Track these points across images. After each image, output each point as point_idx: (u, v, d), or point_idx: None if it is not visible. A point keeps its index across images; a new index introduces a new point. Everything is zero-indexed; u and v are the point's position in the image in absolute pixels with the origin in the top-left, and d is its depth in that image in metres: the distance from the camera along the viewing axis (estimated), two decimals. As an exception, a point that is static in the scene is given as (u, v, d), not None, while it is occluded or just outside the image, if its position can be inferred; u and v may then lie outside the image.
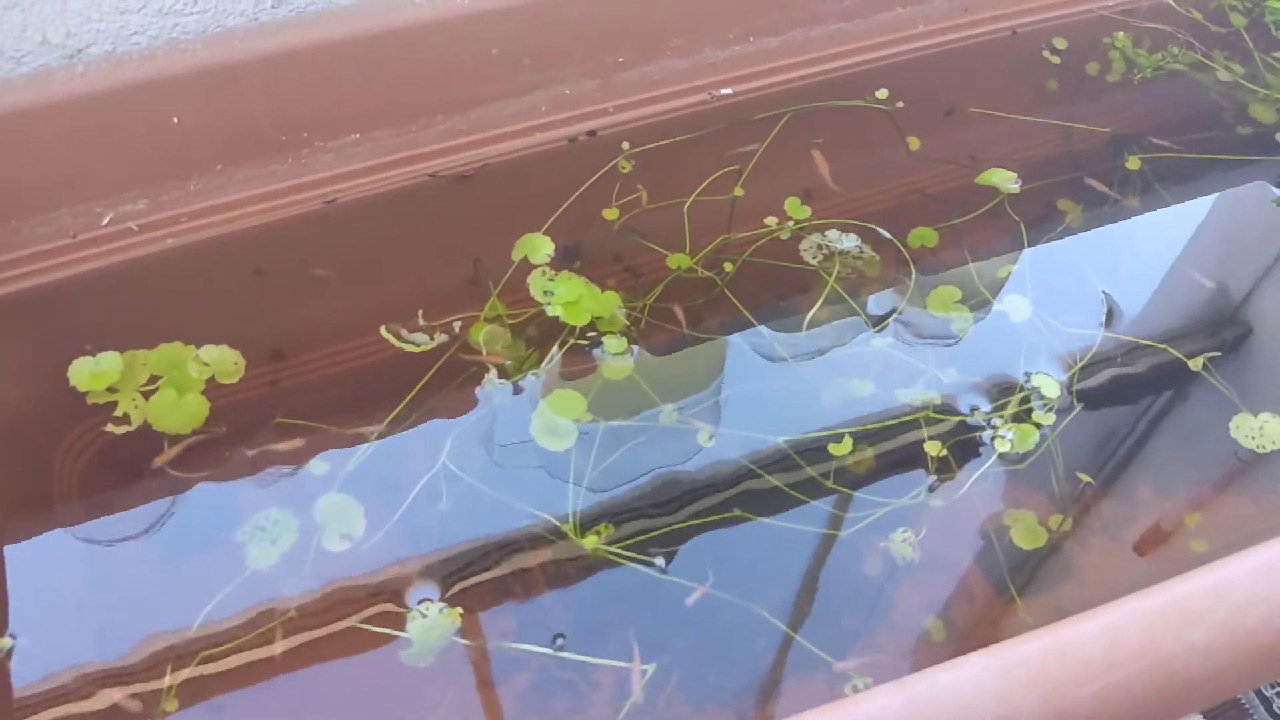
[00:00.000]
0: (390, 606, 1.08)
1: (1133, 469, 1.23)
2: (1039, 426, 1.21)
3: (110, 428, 1.18)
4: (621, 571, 1.12)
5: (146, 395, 1.19)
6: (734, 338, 1.30)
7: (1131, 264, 1.42)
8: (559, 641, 1.06)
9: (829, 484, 1.18)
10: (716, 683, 1.06)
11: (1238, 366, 1.30)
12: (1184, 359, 1.30)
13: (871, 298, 1.34)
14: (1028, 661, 0.78)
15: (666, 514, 1.16)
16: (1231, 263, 1.44)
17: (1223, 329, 1.35)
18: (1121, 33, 1.69)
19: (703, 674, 1.06)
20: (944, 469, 1.20)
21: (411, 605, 1.08)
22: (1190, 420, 1.27)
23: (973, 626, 1.12)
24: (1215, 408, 1.26)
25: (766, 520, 1.16)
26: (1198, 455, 1.24)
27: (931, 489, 1.18)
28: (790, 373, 1.28)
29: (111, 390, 1.19)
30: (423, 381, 1.23)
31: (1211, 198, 1.51)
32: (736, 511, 1.16)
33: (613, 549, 1.12)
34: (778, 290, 1.35)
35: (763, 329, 1.31)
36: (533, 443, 1.19)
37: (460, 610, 1.08)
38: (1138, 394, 1.29)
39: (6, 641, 1.05)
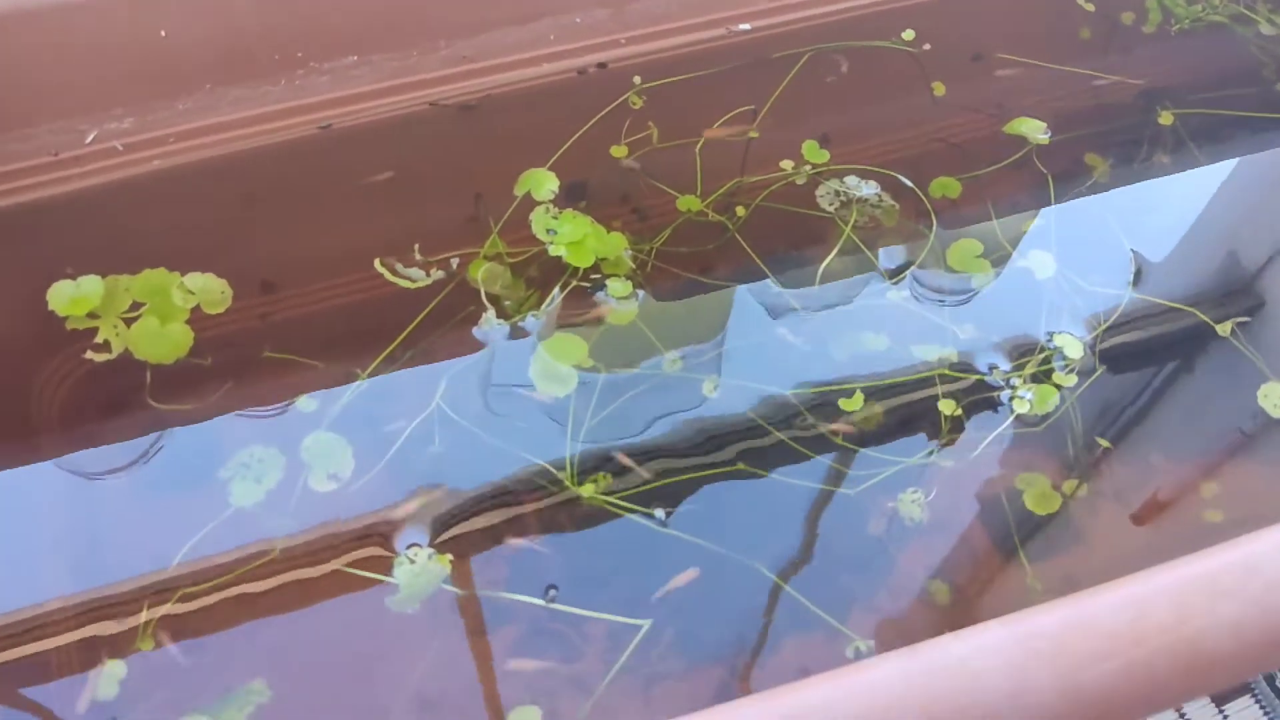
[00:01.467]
0: (378, 550, 1.05)
1: (1153, 435, 1.18)
2: (1059, 388, 1.16)
3: (90, 355, 1.13)
4: (618, 522, 1.08)
5: (129, 322, 1.14)
6: (743, 286, 1.25)
7: (1160, 223, 1.36)
8: (551, 593, 1.03)
9: (838, 440, 1.13)
10: (713, 640, 1.02)
11: (1268, 333, 1.25)
12: (1212, 323, 1.25)
13: (888, 249, 1.29)
14: (1046, 633, 0.73)
15: (667, 465, 1.12)
16: (1265, 225, 1.38)
17: (1252, 293, 1.30)
18: (1160, -19, 1.61)
19: (699, 631, 1.02)
20: (957, 428, 1.15)
21: (400, 550, 1.04)
22: (1216, 387, 1.22)
23: (978, 591, 1.09)
24: (1243, 375, 1.21)
25: (770, 475, 1.12)
26: (1221, 424, 1.20)
27: (943, 448, 1.14)
28: (801, 324, 1.23)
29: (92, 316, 1.14)
30: (417, 319, 1.18)
31: (1246, 157, 1.44)
32: (740, 465, 1.12)
33: (610, 499, 1.08)
34: (791, 238, 1.29)
35: (773, 278, 1.25)
36: (531, 387, 1.15)
37: (450, 557, 1.04)
38: (1162, 358, 1.24)
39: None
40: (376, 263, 1.21)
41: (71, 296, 1.14)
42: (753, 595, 1.05)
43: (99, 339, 1.14)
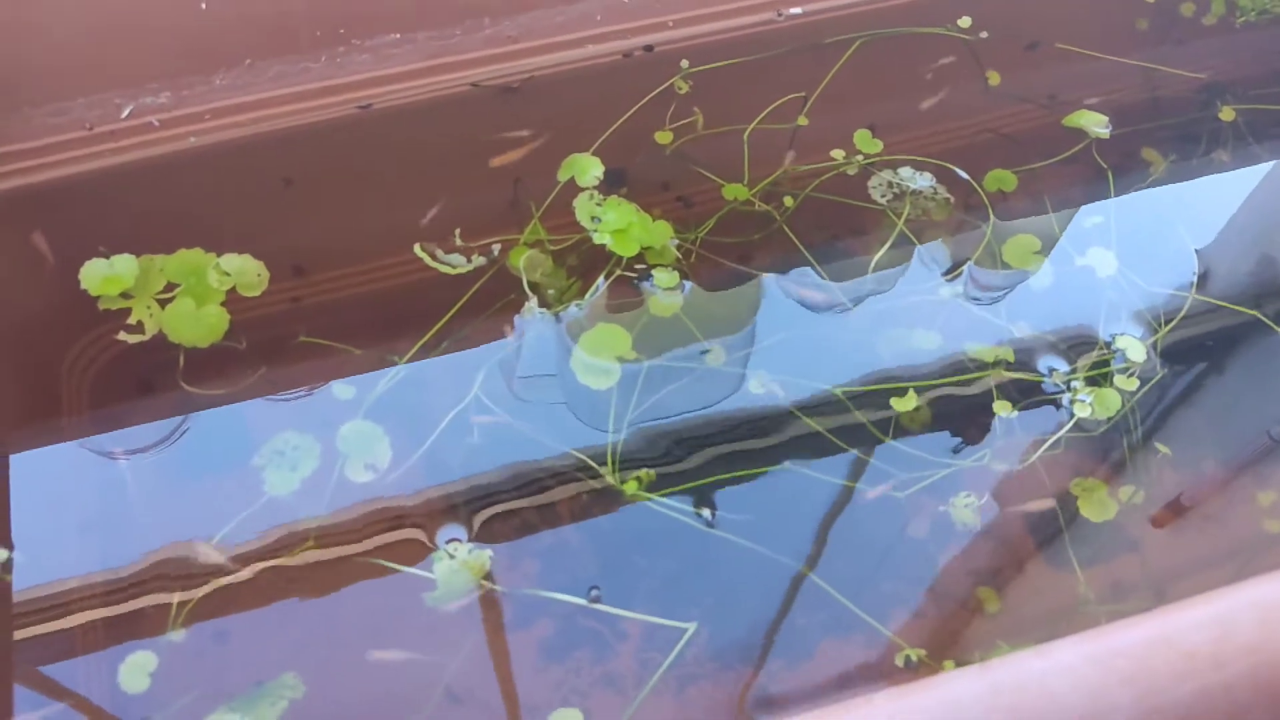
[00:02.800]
0: (416, 543, 1.02)
1: (1211, 442, 1.15)
2: (1121, 391, 1.12)
3: (123, 336, 1.11)
4: (662, 521, 1.05)
5: (163, 304, 1.12)
6: (790, 278, 1.21)
7: (1222, 221, 1.32)
8: (594, 593, 1.00)
9: (887, 439, 1.10)
10: (755, 643, 1.00)
11: (1336, 339, 1.21)
12: (1274, 326, 1.20)
13: (942, 243, 1.25)
14: (1125, 652, 0.70)
15: (710, 461, 1.08)
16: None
17: (1319, 297, 1.26)
18: (1224, -28, 1.56)
19: (743, 635, 0.99)
20: (1011, 431, 1.11)
21: (439, 545, 1.01)
22: (1278, 392, 1.18)
23: (1028, 599, 1.06)
24: (1310, 382, 1.17)
25: (817, 474, 1.08)
26: (1284, 431, 1.16)
27: (997, 451, 1.10)
28: (850, 319, 1.19)
29: (125, 296, 1.12)
30: (457, 306, 1.15)
31: (1311, 156, 1.40)
32: (786, 464, 1.09)
33: (653, 496, 1.05)
34: (841, 230, 1.25)
35: (821, 271, 1.21)
36: (572, 378, 1.11)
37: (490, 553, 1.01)
38: (1224, 361, 1.19)
39: (2, 553, 0.99)
40: (416, 248, 1.18)
41: (105, 276, 1.12)
42: (799, 598, 1.02)
43: (132, 320, 1.11)
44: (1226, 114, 1.40)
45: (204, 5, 1.15)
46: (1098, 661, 0.69)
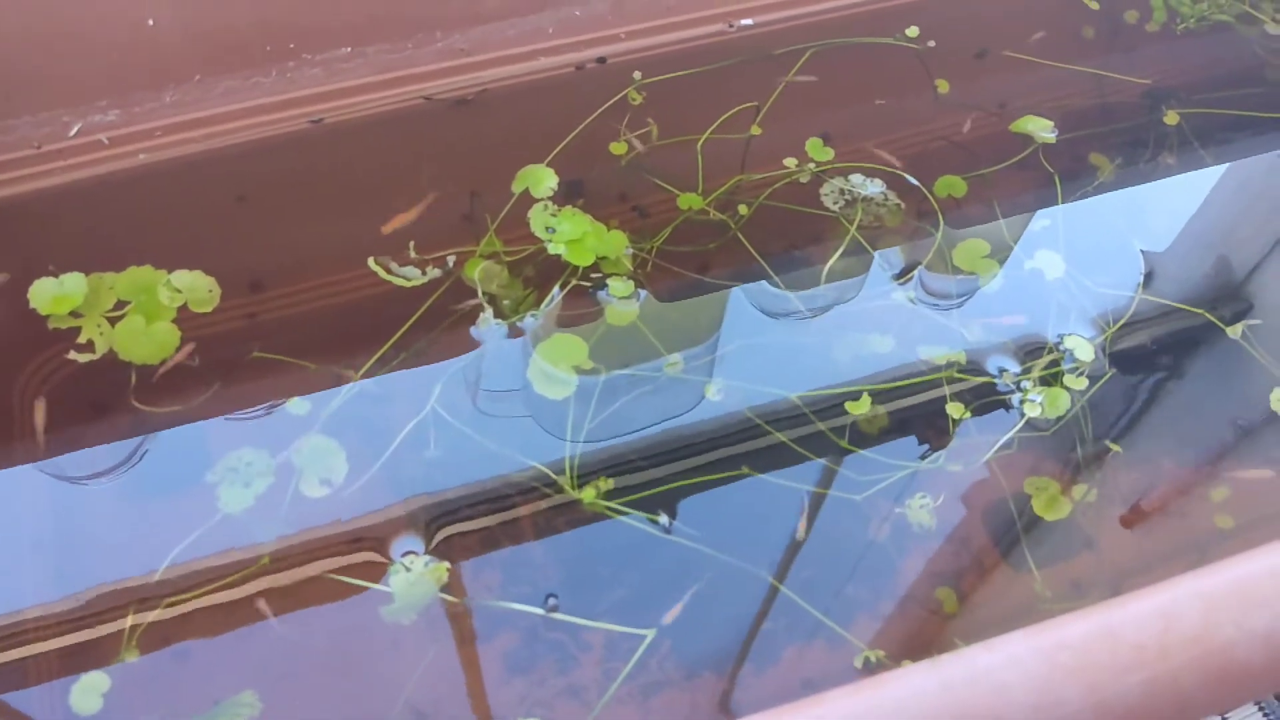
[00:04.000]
0: (372, 557, 1.01)
1: (1162, 439, 1.16)
2: (1069, 390, 1.14)
3: (73, 355, 1.09)
4: (619, 528, 1.05)
5: (113, 321, 1.10)
6: (745, 286, 1.22)
7: (1168, 223, 1.34)
8: (551, 602, 0.99)
9: (843, 444, 1.11)
10: (715, 649, 1.00)
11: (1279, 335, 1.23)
12: (1222, 325, 1.23)
13: (893, 249, 1.26)
14: (1073, 644, 0.71)
15: (669, 469, 1.09)
16: (1271, 226, 1.36)
17: (1262, 295, 1.28)
18: (1165, -20, 1.59)
19: (702, 640, 0.99)
20: (965, 432, 1.13)
21: (395, 558, 1.01)
22: (1227, 391, 1.20)
23: (987, 598, 1.07)
24: (1254, 378, 1.19)
25: (775, 479, 1.09)
26: (1232, 428, 1.18)
27: (951, 453, 1.11)
28: (804, 325, 1.20)
29: (75, 315, 1.11)
30: (412, 319, 1.15)
31: (1251, 158, 1.43)
32: (744, 469, 1.09)
33: (611, 504, 1.05)
34: (794, 237, 1.27)
35: (776, 278, 1.22)
36: (529, 389, 1.11)
37: (447, 565, 1.00)
38: (1172, 360, 1.22)
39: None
40: (370, 261, 1.18)
41: (54, 294, 1.10)
42: (757, 603, 1.02)
43: (82, 339, 1.10)
44: (1171, 118, 1.42)
45: (151, 21, 1.14)
46: (1045, 655, 0.70)
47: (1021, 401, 1.13)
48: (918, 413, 1.15)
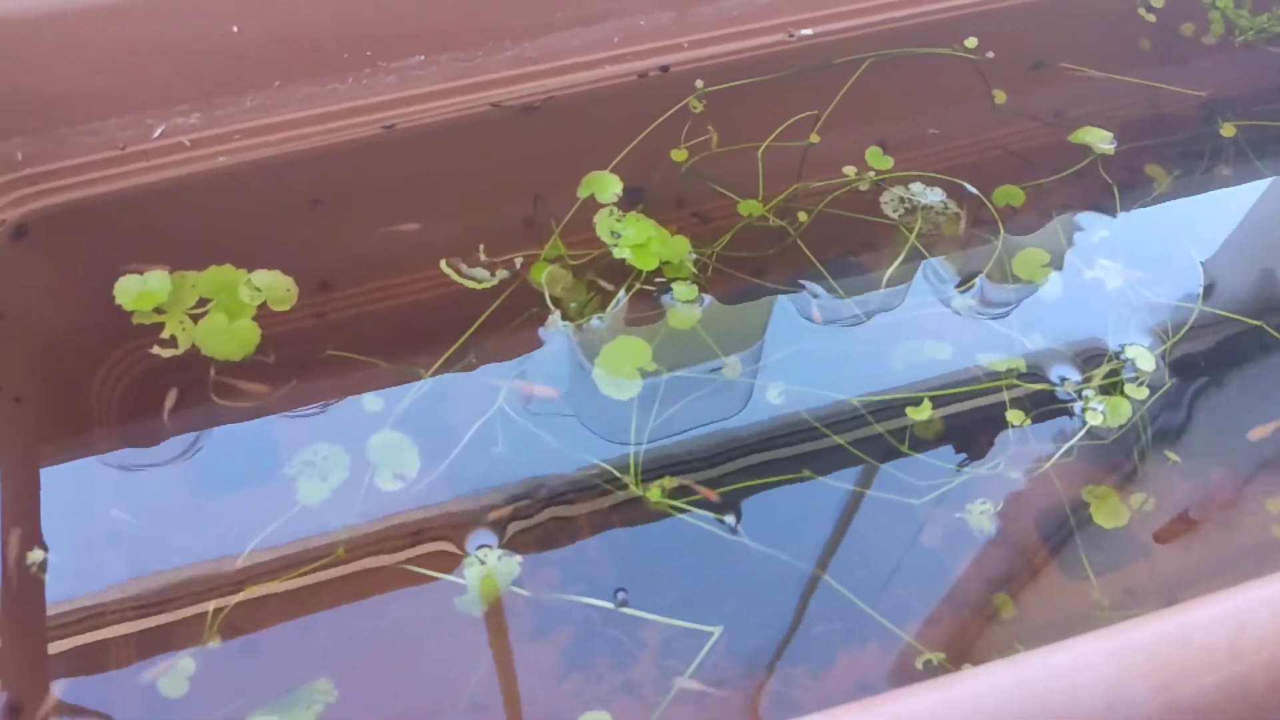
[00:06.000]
0: (445, 549, 1.04)
1: (1220, 450, 1.17)
2: (1131, 400, 1.15)
3: (157, 350, 1.13)
4: (683, 527, 1.07)
5: (195, 318, 1.14)
6: (805, 292, 1.24)
7: (1226, 235, 1.34)
8: (621, 596, 1.02)
9: (903, 448, 1.12)
10: (775, 649, 1.01)
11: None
12: (1278, 336, 1.23)
13: (952, 257, 1.28)
14: (1144, 647, 0.72)
15: (731, 470, 1.11)
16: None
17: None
18: (1223, -8, 1.60)
19: (763, 640, 1.01)
20: (1024, 439, 1.14)
21: (469, 550, 1.03)
22: (1286, 403, 1.21)
23: (1044, 604, 1.08)
24: (1315, 391, 1.20)
25: (835, 482, 1.11)
26: (1292, 439, 1.18)
27: (1011, 459, 1.12)
28: (864, 331, 1.22)
29: (159, 311, 1.14)
30: (481, 319, 1.17)
31: (1311, 171, 1.43)
32: (805, 472, 1.11)
33: (676, 503, 1.07)
34: (853, 244, 1.28)
35: (835, 284, 1.24)
36: (595, 389, 1.14)
37: (519, 558, 1.03)
38: (1231, 371, 1.22)
39: (38, 554, 1.01)
40: (442, 263, 1.21)
41: (139, 291, 1.14)
42: (817, 603, 1.04)
43: (165, 334, 1.14)
44: (1227, 130, 1.43)
45: (236, 29, 1.18)
46: (1117, 656, 0.72)
47: (1084, 409, 1.14)
48: (977, 418, 1.16)
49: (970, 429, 1.15)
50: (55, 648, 0.98)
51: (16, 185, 1.22)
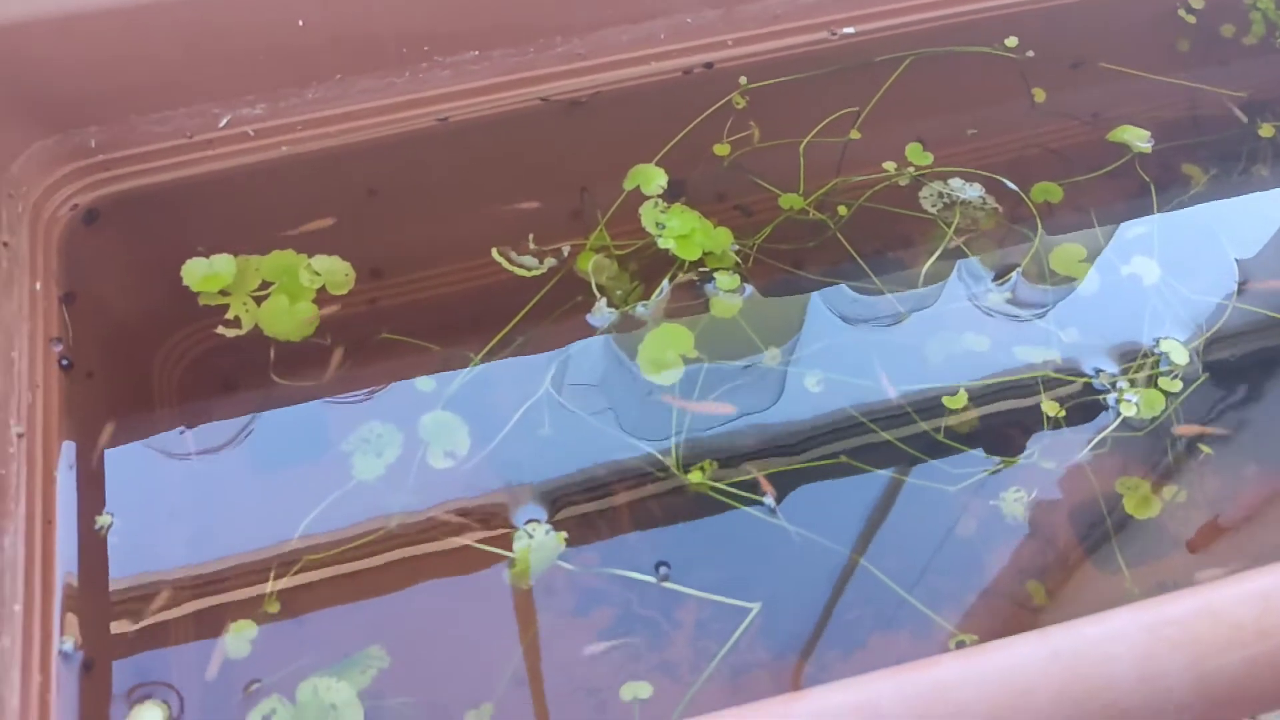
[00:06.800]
0: (493, 526, 1.08)
1: (1253, 444, 1.18)
2: (1165, 393, 1.17)
3: (221, 330, 1.18)
4: (724, 509, 1.10)
5: (258, 301, 1.19)
6: (844, 284, 1.27)
7: (1263, 234, 1.36)
8: (663, 570, 1.05)
9: (939, 438, 1.15)
10: (809, 630, 1.04)
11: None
12: (1316, 335, 1.25)
13: (990, 252, 1.30)
14: (1176, 620, 0.75)
15: (769, 456, 1.14)
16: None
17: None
18: (1265, -7, 1.61)
19: (798, 621, 1.04)
20: (1059, 430, 1.16)
21: (518, 525, 1.07)
22: (1320, 398, 1.22)
23: (1076, 593, 1.09)
24: (1349, 387, 1.21)
25: (872, 469, 1.13)
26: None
27: (1045, 450, 1.15)
28: (902, 323, 1.24)
29: (224, 293, 1.19)
30: (529, 306, 1.21)
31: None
32: (842, 458, 1.14)
33: (718, 485, 1.11)
34: (892, 238, 1.31)
35: (874, 277, 1.27)
36: (638, 373, 1.18)
37: (565, 534, 1.07)
38: (1265, 367, 1.24)
39: (106, 519, 1.06)
40: (494, 251, 1.25)
41: (205, 274, 1.19)
42: (852, 586, 1.07)
43: (230, 315, 1.19)
44: (1266, 131, 1.44)
45: (301, 23, 1.23)
46: (1150, 629, 0.74)
47: (1118, 401, 1.17)
48: (1012, 408, 1.18)
49: (1006, 420, 1.17)
50: (120, 610, 1.03)
51: (89, 171, 1.28)
